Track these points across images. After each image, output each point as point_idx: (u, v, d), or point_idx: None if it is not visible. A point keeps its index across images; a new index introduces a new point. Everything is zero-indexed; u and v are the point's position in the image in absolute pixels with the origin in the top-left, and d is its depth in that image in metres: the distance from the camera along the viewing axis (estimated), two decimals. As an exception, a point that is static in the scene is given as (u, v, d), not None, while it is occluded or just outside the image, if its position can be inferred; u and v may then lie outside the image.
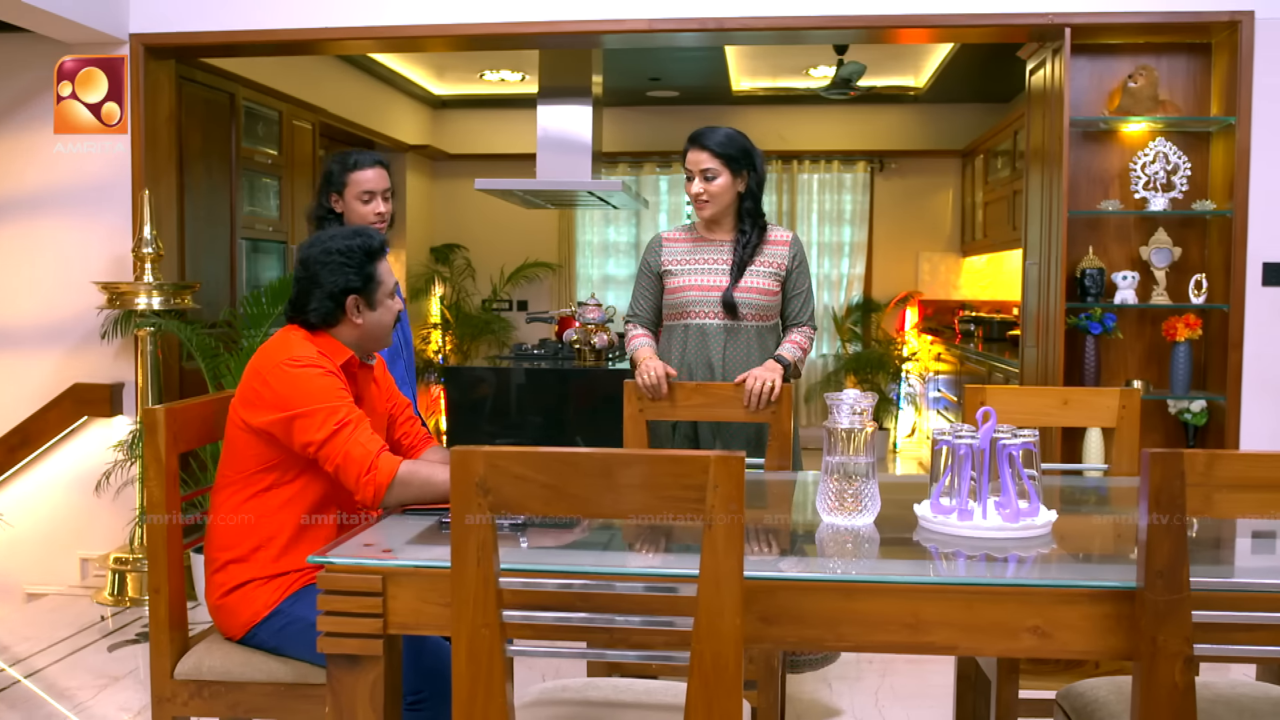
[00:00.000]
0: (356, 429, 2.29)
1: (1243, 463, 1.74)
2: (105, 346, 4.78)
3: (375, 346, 2.55)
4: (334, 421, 2.28)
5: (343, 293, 2.44)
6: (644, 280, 3.38)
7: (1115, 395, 2.93)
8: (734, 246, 3.30)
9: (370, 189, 3.27)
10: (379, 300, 2.50)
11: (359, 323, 2.48)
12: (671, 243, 3.37)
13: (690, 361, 3.31)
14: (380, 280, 2.50)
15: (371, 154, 3.33)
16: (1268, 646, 1.82)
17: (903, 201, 8.70)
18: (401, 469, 2.27)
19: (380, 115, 7.81)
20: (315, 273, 2.45)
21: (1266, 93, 4.33)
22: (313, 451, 2.29)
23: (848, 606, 1.86)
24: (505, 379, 5.03)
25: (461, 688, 1.75)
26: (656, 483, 1.70)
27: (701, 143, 3.23)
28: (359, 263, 2.45)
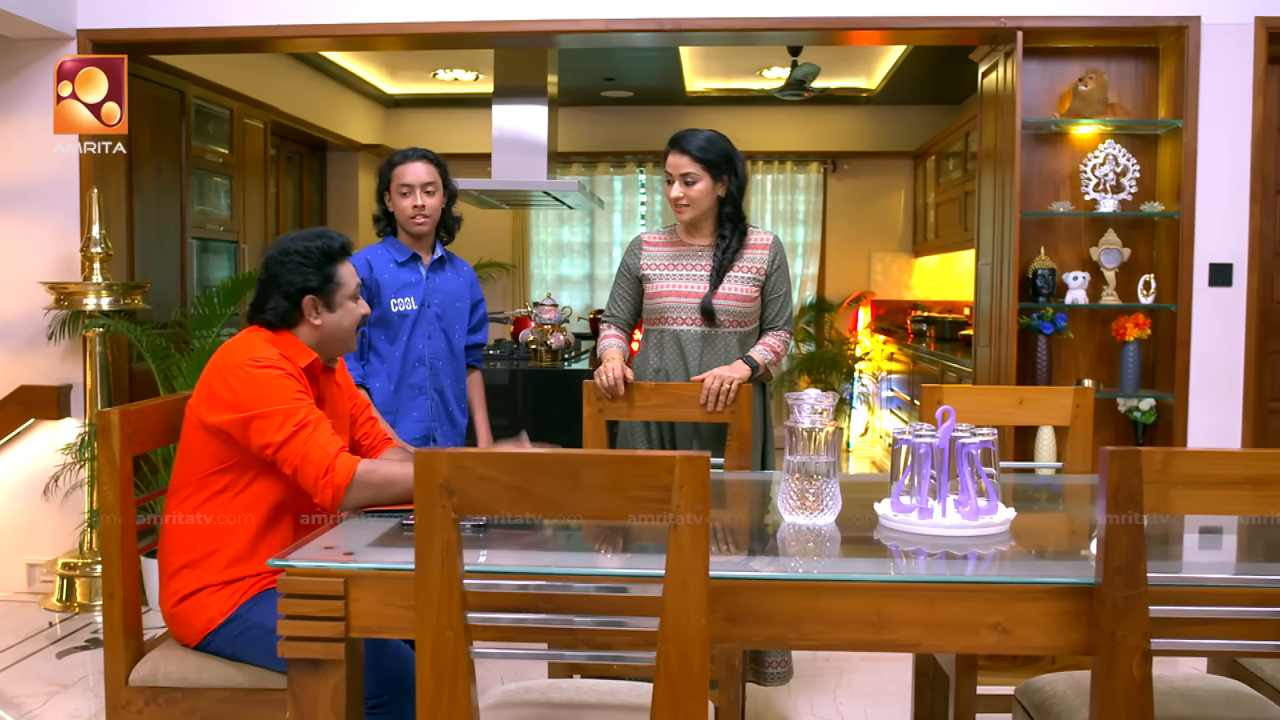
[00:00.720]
0: (315, 430, 2.27)
1: (1198, 460, 1.77)
2: (52, 348, 4.69)
3: (338, 349, 2.52)
4: (293, 423, 2.25)
5: (299, 292, 2.42)
6: (623, 282, 3.35)
7: (1069, 394, 2.97)
8: (714, 252, 3.27)
9: (408, 182, 3.30)
10: (338, 302, 2.47)
11: (317, 324, 2.45)
12: (651, 246, 3.32)
13: (668, 367, 3.24)
14: (340, 282, 2.47)
15: (419, 150, 3.39)
16: (1221, 640, 1.86)
17: (855, 202, 8.77)
18: (360, 469, 2.25)
19: (333, 114, 7.74)
20: (274, 273, 2.43)
21: (1212, 96, 4.41)
22: (270, 453, 2.26)
23: (811, 605, 1.87)
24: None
25: (426, 690, 1.74)
26: (622, 483, 1.69)
27: (682, 146, 3.19)
28: (316, 263, 2.43)
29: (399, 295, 3.31)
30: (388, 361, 3.31)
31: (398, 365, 3.31)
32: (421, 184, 3.30)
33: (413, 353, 3.34)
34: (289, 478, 2.29)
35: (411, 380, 3.34)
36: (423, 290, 3.36)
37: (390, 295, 3.30)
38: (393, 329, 3.31)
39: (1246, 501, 1.78)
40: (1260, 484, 1.76)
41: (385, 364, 3.31)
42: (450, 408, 3.38)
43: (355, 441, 2.67)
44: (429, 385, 3.35)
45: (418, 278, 3.37)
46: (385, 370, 3.32)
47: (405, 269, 3.36)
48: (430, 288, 3.37)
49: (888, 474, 2.32)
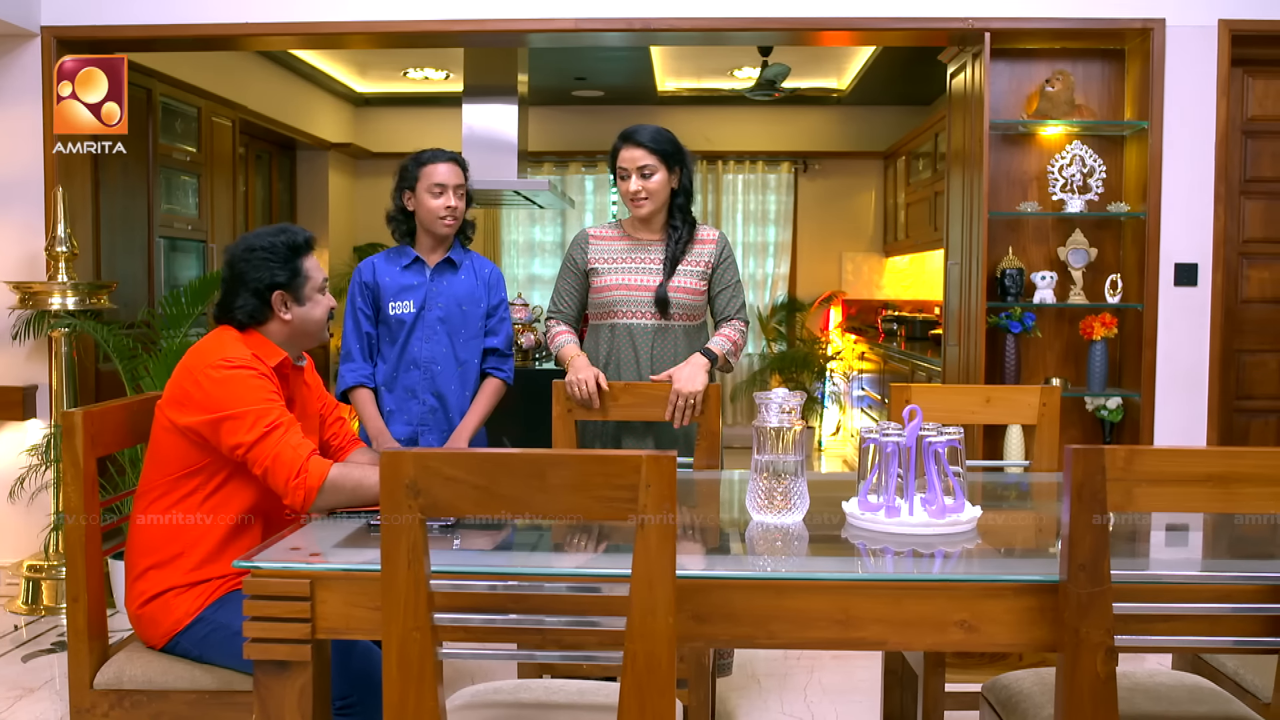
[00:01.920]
0: (287, 432, 2.25)
1: (1161, 458, 1.79)
2: (17, 348, 4.64)
3: (308, 342, 2.52)
4: (264, 424, 2.24)
5: (268, 288, 2.41)
6: (568, 277, 3.33)
7: (1036, 393, 2.99)
8: (665, 244, 3.29)
9: (442, 182, 3.25)
10: (307, 295, 2.47)
11: (287, 318, 2.44)
12: (599, 240, 3.32)
13: (618, 360, 3.27)
14: (307, 275, 2.46)
15: (447, 150, 3.35)
16: (1185, 637, 1.88)
17: (826, 202, 8.80)
18: (332, 472, 2.24)
19: (302, 113, 7.69)
20: (241, 270, 2.42)
21: (1177, 98, 4.46)
22: (241, 454, 2.24)
23: (779, 604, 1.87)
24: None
25: (392, 691, 1.73)
26: (588, 483, 1.69)
27: (636, 139, 3.20)
28: (283, 257, 2.42)
29: (398, 299, 3.27)
30: (387, 362, 3.30)
31: (393, 367, 3.29)
32: (453, 185, 3.27)
33: (408, 356, 3.29)
34: (259, 480, 2.28)
35: (405, 383, 3.29)
36: (424, 294, 3.29)
37: (389, 299, 3.27)
38: (392, 332, 3.29)
39: (1209, 499, 1.80)
40: (1222, 481, 1.78)
41: (385, 364, 3.30)
42: (451, 414, 3.31)
43: (324, 441, 2.66)
44: (423, 389, 3.29)
45: (420, 281, 3.30)
46: (384, 370, 3.31)
47: (408, 272, 3.31)
48: (433, 291, 3.30)
49: (857, 473, 2.33)
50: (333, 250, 8.28)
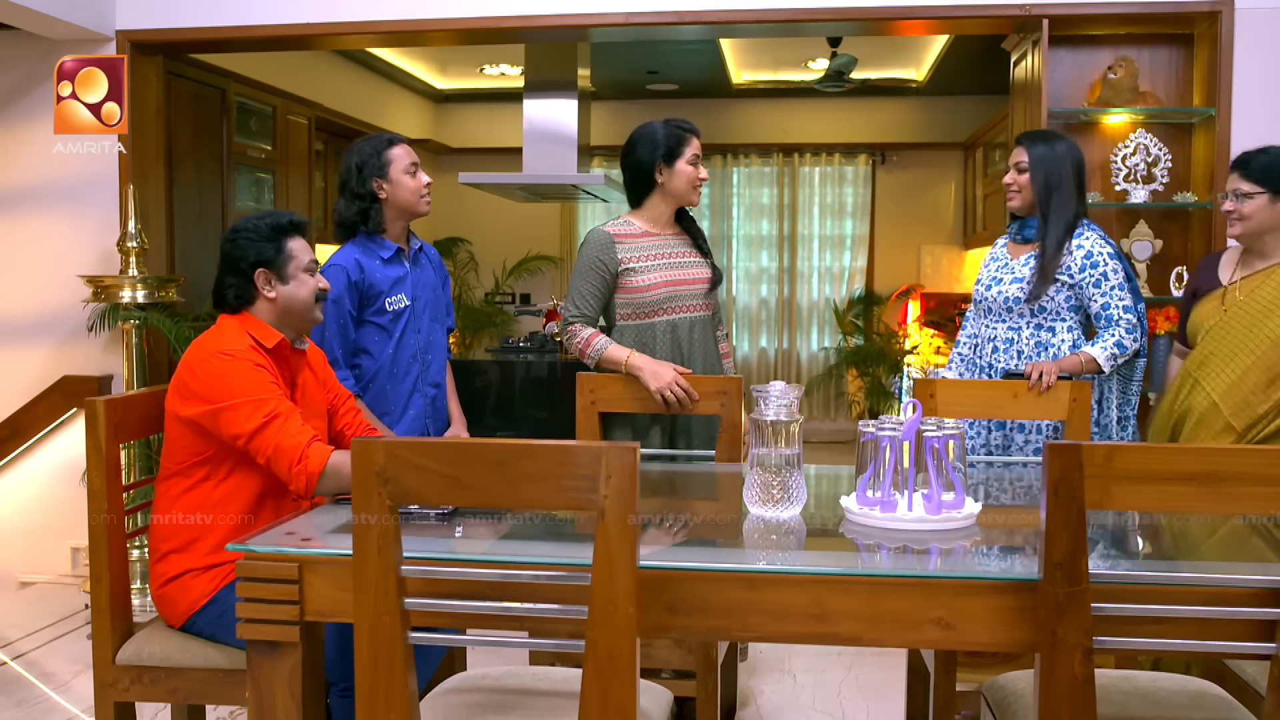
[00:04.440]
0: (287, 420, 2.32)
1: (1141, 455, 1.74)
2: (93, 340, 4.84)
3: (299, 323, 2.57)
4: (263, 413, 2.31)
5: (251, 266, 2.49)
6: (594, 279, 3.22)
7: (1066, 388, 2.92)
8: (686, 239, 3.35)
9: (414, 160, 3.24)
10: (291, 274, 2.53)
11: (272, 296, 2.51)
12: (625, 239, 3.25)
13: (667, 359, 3.22)
14: (291, 254, 2.53)
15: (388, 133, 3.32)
16: (1166, 640, 1.82)
17: (905, 194, 8.67)
18: (333, 458, 2.30)
19: (379, 109, 7.85)
20: (228, 252, 2.53)
21: (1245, 83, 4.29)
22: (243, 443, 2.32)
23: (753, 597, 1.87)
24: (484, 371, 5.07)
25: (364, 674, 1.78)
26: (550, 473, 1.72)
27: (697, 132, 3.31)
28: (265, 236, 2.51)
29: (392, 293, 3.19)
30: (379, 359, 3.18)
31: (390, 363, 3.19)
32: (419, 163, 3.29)
33: (405, 350, 3.23)
34: (263, 467, 2.35)
35: (407, 379, 3.23)
36: (410, 285, 3.26)
37: (386, 294, 3.18)
38: (387, 329, 3.19)
39: (1191, 498, 1.74)
40: (1205, 480, 1.72)
41: (378, 363, 3.18)
42: (440, 401, 3.35)
43: (339, 432, 2.72)
44: (423, 382, 3.27)
45: (404, 272, 3.25)
46: (375, 367, 3.18)
47: (393, 265, 3.23)
48: (416, 281, 3.29)
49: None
50: (412, 245, 8.43)
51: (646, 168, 3.25)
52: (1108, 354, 3.03)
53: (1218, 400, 2.88)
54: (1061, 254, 3.06)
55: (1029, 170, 3.13)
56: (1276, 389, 2.82)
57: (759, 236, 8.94)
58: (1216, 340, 2.93)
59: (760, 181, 8.89)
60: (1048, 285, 3.05)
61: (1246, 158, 2.97)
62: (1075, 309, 3.09)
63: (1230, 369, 2.88)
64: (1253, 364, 2.85)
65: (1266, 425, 2.83)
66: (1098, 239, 3.09)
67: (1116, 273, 3.06)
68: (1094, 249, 3.06)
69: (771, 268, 8.92)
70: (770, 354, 8.96)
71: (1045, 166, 3.11)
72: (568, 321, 3.26)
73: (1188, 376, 2.99)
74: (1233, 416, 2.85)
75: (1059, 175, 3.10)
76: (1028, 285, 3.08)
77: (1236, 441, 2.84)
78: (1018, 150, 3.18)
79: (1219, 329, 2.93)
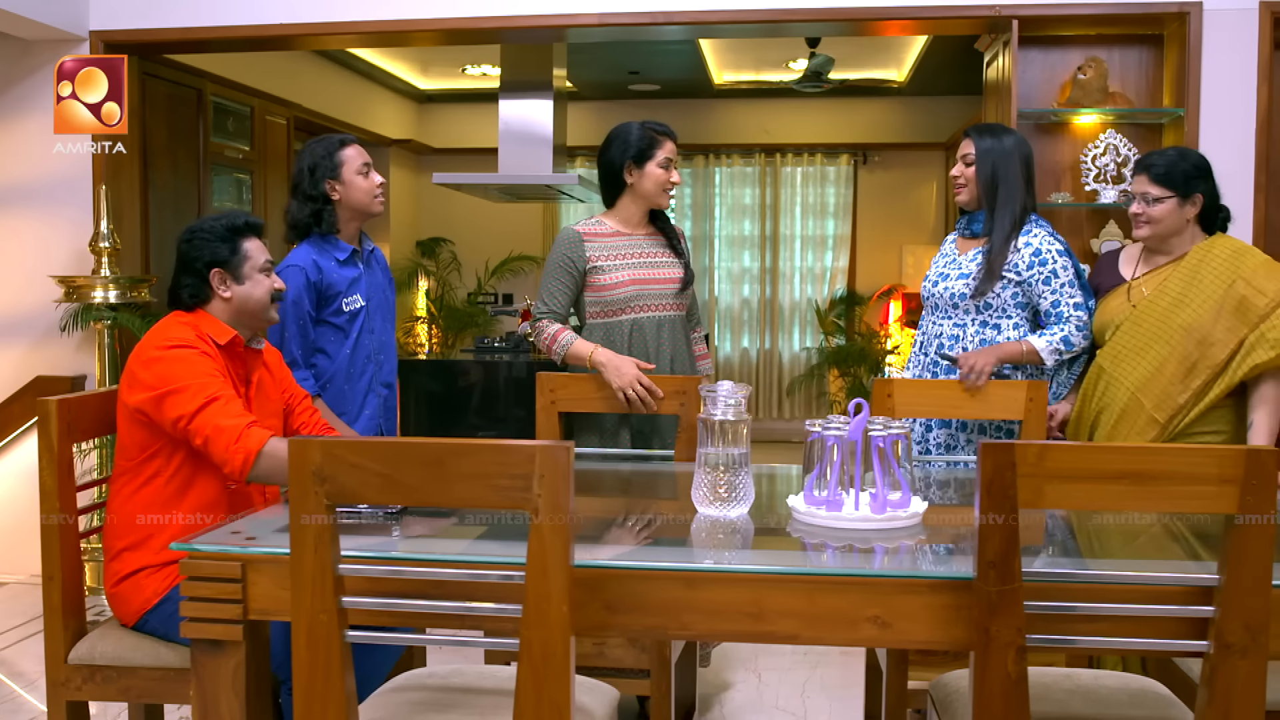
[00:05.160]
0: (227, 404, 2.34)
1: (1073, 454, 1.75)
2: (66, 340, 4.84)
3: (255, 323, 2.59)
4: (203, 396, 2.33)
5: (205, 266, 2.50)
6: (563, 276, 3.25)
7: (1023, 388, 2.93)
8: (659, 239, 3.34)
9: (366, 161, 3.24)
10: (246, 274, 2.55)
11: (227, 296, 2.53)
12: (594, 238, 3.28)
13: (637, 358, 3.23)
14: (247, 255, 2.55)
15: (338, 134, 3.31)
16: (1099, 638, 1.83)
17: (886, 194, 8.69)
18: (271, 441, 2.31)
19: (361, 109, 7.86)
20: (183, 252, 2.54)
21: (1214, 84, 4.31)
22: (183, 425, 2.32)
23: (690, 596, 1.88)
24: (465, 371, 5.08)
25: (301, 673, 1.79)
26: (484, 472, 1.72)
27: (674, 136, 3.33)
28: (220, 236, 2.53)
29: (349, 294, 3.20)
30: (336, 360, 3.19)
31: (347, 364, 3.21)
32: (371, 163, 3.29)
33: (361, 351, 3.25)
34: (202, 451, 2.34)
35: (362, 379, 3.25)
36: (365, 286, 3.27)
37: (343, 295, 3.19)
38: (343, 329, 3.20)
39: (1122, 497, 1.75)
40: (1136, 479, 1.73)
41: (334, 364, 3.20)
42: (391, 401, 3.36)
43: (294, 430, 2.73)
44: (377, 382, 3.28)
45: (358, 273, 3.26)
46: (332, 368, 3.20)
47: (349, 266, 3.24)
48: (369, 281, 3.30)
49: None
50: (394, 245, 8.43)
51: (616, 168, 3.27)
52: (1052, 348, 3.02)
53: (1137, 393, 2.90)
54: (1009, 250, 3.06)
55: (975, 163, 3.14)
56: (1195, 378, 2.84)
57: (741, 237, 8.95)
58: (1128, 335, 2.95)
59: (742, 182, 8.90)
60: (994, 282, 3.05)
61: (1151, 160, 2.98)
62: (1022, 306, 3.09)
63: (1145, 362, 2.90)
64: (1168, 355, 2.87)
65: (1186, 414, 2.86)
66: (1046, 236, 3.09)
67: (1066, 270, 3.05)
68: (1042, 246, 3.06)
69: (754, 268, 8.94)
70: (752, 354, 8.98)
71: (992, 158, 3.11)
72: (537, 318, 3.29)
73: (1101, 372, 3.00)
74: (1155, 410, 2.87)
75: (1006, 169, 3.10)
76: (973, 281, 3.08)
77: (1160, 434, 2.85)
78: (965, 143, 3.19)
79: (1130, 324, 2.95)
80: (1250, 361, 2.80)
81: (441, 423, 5.35)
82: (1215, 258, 2.90)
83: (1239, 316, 2.81)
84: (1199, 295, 2.87)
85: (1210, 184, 2.97)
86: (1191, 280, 2.90)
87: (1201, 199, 2.94)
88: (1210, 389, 2.84)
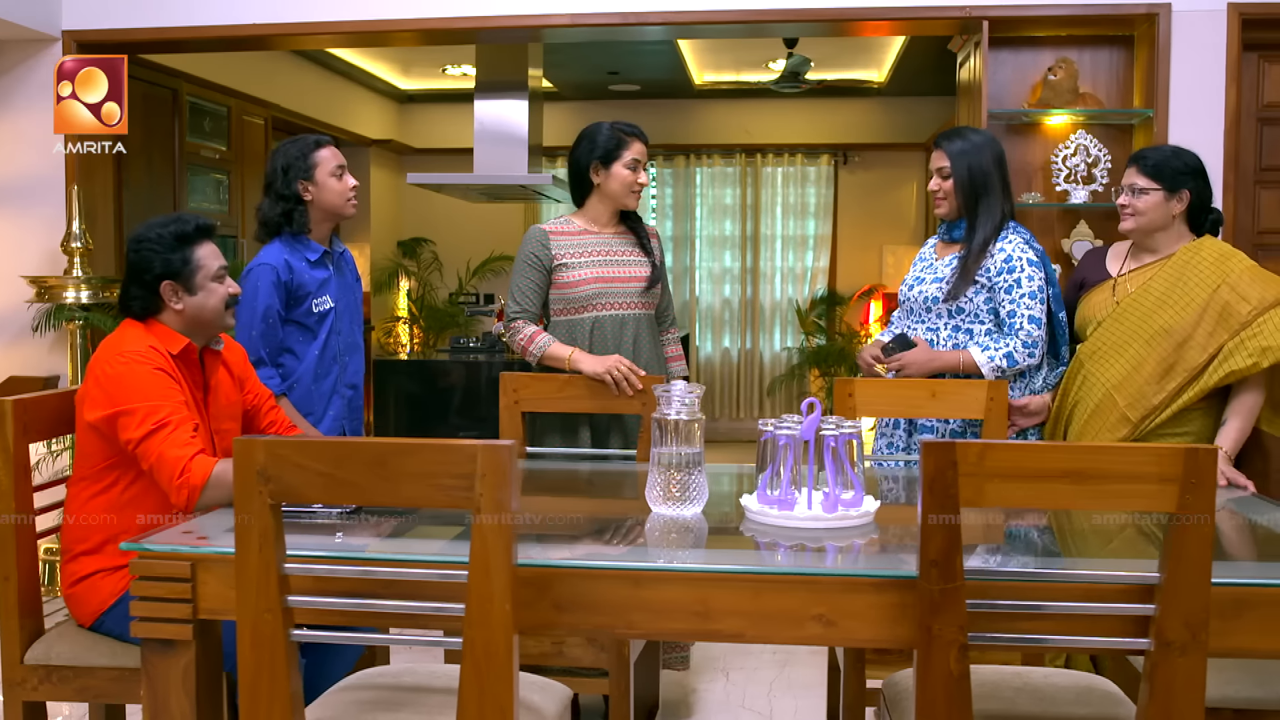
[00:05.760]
0: (175, 430, 2.30)
1: (1015, 453, 1.76)
2: (39, 340, 4.83)
3: (210, 330, 2.55)
4: (153, 420, 2.29)
5: (156, 279, 2.45)
6: (531, 275, 3.26)
7: (984, 387, 2.94)
8: (630, 238, 3.35)
9: (341, 163, 3.22)
10: (199, 284, 2.49)
11: (179, 309, 2.48)
12: (560, 236, 3.29)
13: (600, 353, 3.25)
14: (199, 264, 2.49)
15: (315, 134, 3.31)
16: (1044, 635, 1.85)
17: (867, 194, 8.71)
18: (216, 468, 2.27)
19: (342, 109, 7.85)
20: (131, 263, 2.48)
21: (1182, 85, 4.34)
22: (131, 449, 2.31)
23: (637, 594, 1.89)
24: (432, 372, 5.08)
25: (246, 671, 1.79)
26: (427, 471, 1.73)
27: (644, 136, 3.32)
28: (170, 246, 2.46)
29: (319, 294, 3.20)
30: (304, 360, 3.20)
31: (315, 365, 3.21)
32: (346, 165, 3.29)
33: (329, 351, 3.25)
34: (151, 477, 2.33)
35: (329, 379, 3.25)
36: (334, 287, 3.27)
37: (314, 296, 3.19)
38: (312, 330, 3.21)
39: (1063, 495, 1.76)
40: (1077, 478, 1.74)
41: (302, 364, 3.20)
42: (356, 401, 3.35)
43: (259, 432, 2.72)
44: (341, 383, 3.28)
45: (328, 275, 3.26)
46: (300, 368, 3.20)
47: (320, 267, 3.24)
48: (339, 283, 3.30)
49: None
50: (374, 245, 8.43)
51: (583, 167, 3.28)
52: (994, 364, 3.00)
53: (1112, 391, 2.91)
54: (984, 255, 3.05)
55: (952, 173, 3.10)
56: (1170, 380, 2.85)
57: (722, 237, 8.97)
58: (1109, 331, 2.95)
59: (723, 182, 8.92)
60: (967, 285, 3.04)
61: (1144, 153, 2.98)
62: (994, 311, 3.07)
63: (1122, 360, 2.91)
64: (1146, 355, 2.87)
65: (1159, 415, 2.87)
66: (1021, 243, 3.06)
67: (1031, 280, 3.01)
68: (1015, 253, 3.04)
69: (735, 268, 8.95)
70: (733, 354, 8.99)
71: (967, 161, 3.08)
72: (510, 318, 3.29)
73: (1080, 366, 3.01)
74: (1128, 408, 2.88)
75: (982, 170, 3.06)
76: (947, 285, 3.08)
77: (1131, 432, 2.87)
78: (937, 154, 3.14)
79: (1112, 320, 2.95)
80: (1226, 368, 2.80)
81: (422, 423, 5.36)
82: (1202, 260, 2.89)
83: (1221, 322, 2.81)
84: (1183, 297, 2.87)
85: (1200, 184, 2.95)
86: (1176, 281, 2.90)
87: (1188, 196, 2.93)
88: (1185, 391, 2.85)
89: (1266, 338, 2.78)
